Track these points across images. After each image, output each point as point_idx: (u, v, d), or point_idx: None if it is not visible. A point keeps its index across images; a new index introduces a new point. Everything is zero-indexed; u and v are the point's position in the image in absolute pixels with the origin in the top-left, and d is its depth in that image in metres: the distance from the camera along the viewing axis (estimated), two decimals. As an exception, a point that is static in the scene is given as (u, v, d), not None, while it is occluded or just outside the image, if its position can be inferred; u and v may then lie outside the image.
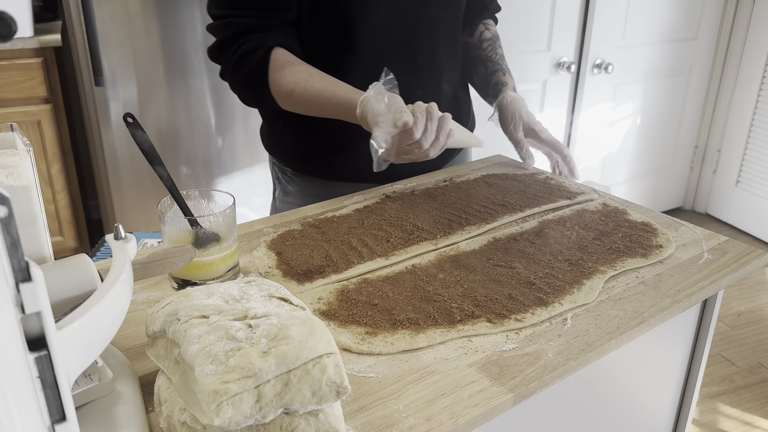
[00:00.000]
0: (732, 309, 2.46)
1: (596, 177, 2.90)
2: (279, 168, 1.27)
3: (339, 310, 0.76)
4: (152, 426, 0.60)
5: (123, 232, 0.59)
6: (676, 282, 0.84)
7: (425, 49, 1.13)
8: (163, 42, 2.02)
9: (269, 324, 0.54)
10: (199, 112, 2.14)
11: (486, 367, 0.67)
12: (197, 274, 0.80)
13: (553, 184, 1.15)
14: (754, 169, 2.97)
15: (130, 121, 0.81)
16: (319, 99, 1.01)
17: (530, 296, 0.79)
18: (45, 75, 2.11)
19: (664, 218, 1.03)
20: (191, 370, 0.52)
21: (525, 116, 1.17)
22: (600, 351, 0.71)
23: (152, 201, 2.16)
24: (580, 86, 2.65)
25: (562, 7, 2.48)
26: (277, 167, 1.27)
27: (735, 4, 2.90)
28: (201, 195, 0.87)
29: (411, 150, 0.93)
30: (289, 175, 1.24)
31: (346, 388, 0.53)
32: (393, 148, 0.93)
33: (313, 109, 1.04)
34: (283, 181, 1.26)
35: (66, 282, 0.55)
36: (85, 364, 0.45)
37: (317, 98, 1.01)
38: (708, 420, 1.90)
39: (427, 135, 0.92)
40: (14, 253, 0.32)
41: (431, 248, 0.92)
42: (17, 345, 0.33)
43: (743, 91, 2.95)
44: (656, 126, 2.99)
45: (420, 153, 0.94)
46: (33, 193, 0.56)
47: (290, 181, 1.24)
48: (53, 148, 2.20)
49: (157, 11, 1.99)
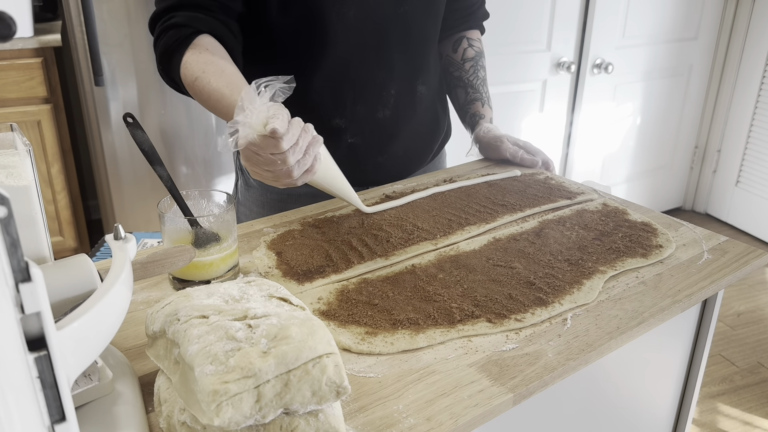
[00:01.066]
0: (732, 309, 2.46)
1: (596, 177, 2.90)
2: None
3: (339, 310, 0.76)
4: (152, 426, 0.60)
5: (123, 232, 0.59)
6: (676, 282, 0.84)
7: (400, 47, 1.09)
8: (163, 42, 2.01)
9: (269, 324, 0.54)
10: (199, 112, 2.14)
11: (486, 367, 0.67)
12: (197, 274, 0.80)
13: (553, 184, 1.15)
14: (754, 169, 2.97)
15: (130, 121, 0.81)
16: (213, 95, 0.92)
17: (530, 296, 0.79)
18: (45, 75, 2.11)
19: (664, 218, 1.03)
20: (191, 370, 0.52)
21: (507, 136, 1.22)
22: (600, 351, 0.71)
23: (152, 201, 2.17)
24: (580, 86, 2.65)
25: (562, 7, 2.48)
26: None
27: (735, 4, 2.91)
28: (201, 195, 0.87)
29: (273, 162, 0.79)
30: None
31: (346, 388, 0.53)
32: (249, 151, 0.80)
33: (208, 105, 0.94)
34: (246, 173, 1.21)
35: (66, 282, 0.55)
36: (84, 364, 0.45)
37: (212, 94, 0.92)
38: (708, 420, 1.90)
39: (296, 150, 0.79)
40: (14, 254, 0.32)
41: (431, 248, 0.92)
42: (17, 345, 0.33)
43: (743, 91, 2.95)
44: (656, 126, 2.99)
45: (282, 170, 0.80)
46: (33, 193, 0.56)
47: None
48: (53, 148, 2.20)
49: (157, 11, 1.98)
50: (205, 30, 0.97)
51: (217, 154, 2.22)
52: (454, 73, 1.26)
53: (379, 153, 1.15)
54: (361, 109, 1.10)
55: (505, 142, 1.20)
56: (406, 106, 1.15)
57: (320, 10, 1.02)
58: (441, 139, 1.27)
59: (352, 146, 1.12)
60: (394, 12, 1.06)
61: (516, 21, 2.41)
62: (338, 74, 1.06)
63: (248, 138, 0.78)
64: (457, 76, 1.26)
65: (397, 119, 1.14)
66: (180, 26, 0.97)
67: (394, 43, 1.08)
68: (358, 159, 1.14)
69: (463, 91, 1.25)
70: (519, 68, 2.48)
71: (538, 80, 2.56)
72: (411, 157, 1.21)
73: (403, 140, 1.17)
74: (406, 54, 1.11)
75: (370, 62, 1.08)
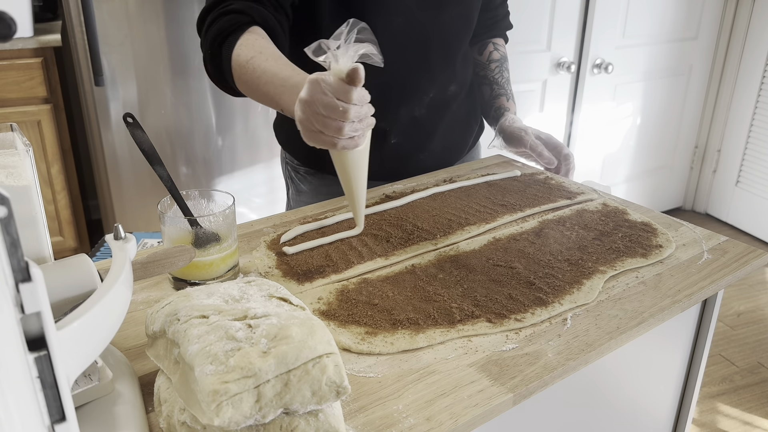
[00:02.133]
0: (732, 309, 2.46)
1: (596, 177, 2.90)
2: (292, 167, 1.27)
3: (339, 310, 0.76)
4: (152, 426, 0.60)
5: (123, 232, 0.59)
6: (676, 282, 0.84)
7: (439, 54, 1.15)
8: (163, 42, 2.02)
9: (269, 324, 0.54)
10: (199, 112, 2.14)
11: (486, 367, 0.67)
12: (197, 274, 0.80)
13: (553, 184, 1.15)
14: (754, 169, 2.97)
15: (130, 121, 0.81)
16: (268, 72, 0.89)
17: (530, 296, 0.79)
18: (45, 75, 2.11)
19: (664, 218, 1.03)
20: (191, 370, 0.52)
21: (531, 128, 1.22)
22: (600, 351, 0.71)
23: (152, 201, 2.17)
24: (580, 86, 2.65)
25: (562, 7, 2.48)
26: (290, 166, 1.28)
27: (735, 4, 2.90)
28: (201, 195, 0.87)
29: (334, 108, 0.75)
30: (302, 173, 1.25)
31: (345, 388, 0.53)
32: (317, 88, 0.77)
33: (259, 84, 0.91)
34: (296, 180, 1.27)
35: (66, 282, 0.55)
36: (84, 364, 0.45)
37: (267, 72, 0.89)
38: (708, 420, 1.90)
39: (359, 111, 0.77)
40: (14, 253, 0.32)
41: (431, 248, 0.92)
42: (17, 345, 0.33)
43: (743, 91, 2.95)
44: (656, 126, 2.99)
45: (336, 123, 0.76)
46: (33, 193, 0.56)
47: (303, 179, 1.26)
48: (53, 148, 2.19)
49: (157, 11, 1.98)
50: (261, 23, 0.97)
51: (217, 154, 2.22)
52: (480, 73, 1.32)
53: (420, 150, 1.22)
54: (402, 111, 1.16)
55: (528, 133, 1.20)
56: (440, 104, 1.20)
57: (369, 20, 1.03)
58: (476, 131, 1.34)
59: (396, 146, 1.18)
60: (434, 21, 1.12)
61: (516, 21, 2.39)
62: (384, 81, 1.08)
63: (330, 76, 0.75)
64: (482, 75, 1.32)
65: (433, 117, 1.20)
66: (239, 12, 0.96)
67: (434, 51, 1.14)
68: (401, 158, 1.20)
69: (488, 88, 1.31)
70: (519, 68, 2.48)
71: (538, 80, 2.56)
72: (449, 152, 1.28)
73: (440, 137, 1.23)
74: (444, 59, 1.16)
75: (412, 69, 1.13)
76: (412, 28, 1.11)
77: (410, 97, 1.16)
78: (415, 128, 1.19)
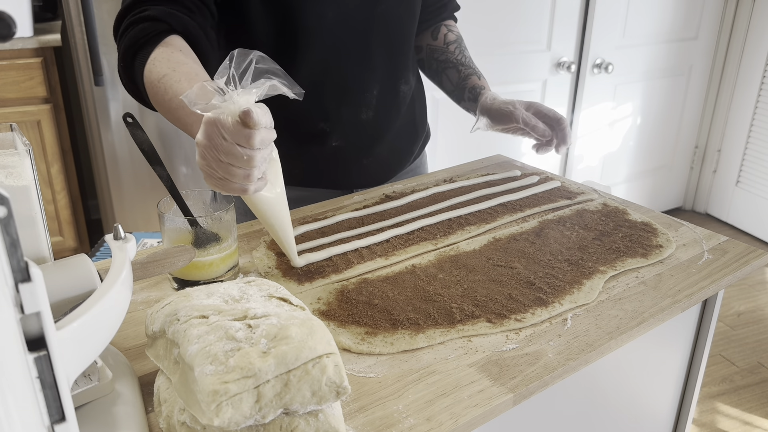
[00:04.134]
0: (732, 309, 2.46)
1: (596, 177, 2.90)
2: None
3: (338, 310, 0.76)
4: (152, 426, 0.60)
5: (122, 232, 0.59)
6: (676, 282, 0.84)
7: (380, 46, 1.07)
8: (163, 42, 2.01)
9: (269, 324, 0.54)
10: (199, 112, 2.13)
11: (486, 367, 0.67)
12: (197, 274, 0.80)
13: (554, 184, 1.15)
14: (754, 169, 2.97)
15: (130, 121, 0.81)
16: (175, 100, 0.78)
17: (530, 296, 0.79)
18: (45, 75, 2.11)
19: (664, 218, 1.03)
20: (191, 370, 0.52)
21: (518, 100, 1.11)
22: (600, 351, 0.71)
23: (152, 201, 2.16)
24: (580, 86, 2.65)
25: (562, 7, 2.48)
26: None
27: (735, 4, 2.90)
28: (201, 195, 0.87)
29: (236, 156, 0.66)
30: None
31: (345, 388, 0.53)
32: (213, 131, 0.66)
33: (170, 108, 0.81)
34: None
35: (66, 282, 0.55)
36: (84, 365, 0.45)
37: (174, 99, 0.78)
38: (708, 420, 1.90)
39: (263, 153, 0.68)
40: (14, 253, 0.32)
41: (431, 248, 0.92)
42: (17, 345, 0.33)
43: (743, 91, 2.95)
44: (656, 126, 2.99)
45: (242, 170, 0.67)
46: (32, 194, 0.56)
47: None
48: (53, 148, 2.19)
49: (157, 11, 1.98)
50: (180, 30, 0.88)
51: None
52: (439, 58, 1.21)
53: (365, 155, 1.13)
54: (344, 111, 1.08)
55: (517, 107, 1.07)
56: (389, 106, 1.13)
57: (298, 10, 0.99)
58: (423, 138, 1.25)
59: (337, 149, 1.10)
60: (372, 11, 1.04)
61: (516, 21, 2.41)
62: (320, 77, 1.04)
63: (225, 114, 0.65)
64: (443, 59, 1.21)
65: (381, 120, 1.12)
66: (153, 20, 0.86)
67: (374, 43, 1.06)
68: (343, 162, 1.12)
69: (454, 70, 1.19)
70: (519, 68, 2.48)
71: (538, 80, 2.56)
72: (395, 158, 1.19)
73: (387, 141, 1.15)
74: (387, 53, 1.09)
75: (351, 63, 1.06)
76: (349, 19, 1.02)
77: (352, 95, 1.08)
78: (360, 131, 1.11)
